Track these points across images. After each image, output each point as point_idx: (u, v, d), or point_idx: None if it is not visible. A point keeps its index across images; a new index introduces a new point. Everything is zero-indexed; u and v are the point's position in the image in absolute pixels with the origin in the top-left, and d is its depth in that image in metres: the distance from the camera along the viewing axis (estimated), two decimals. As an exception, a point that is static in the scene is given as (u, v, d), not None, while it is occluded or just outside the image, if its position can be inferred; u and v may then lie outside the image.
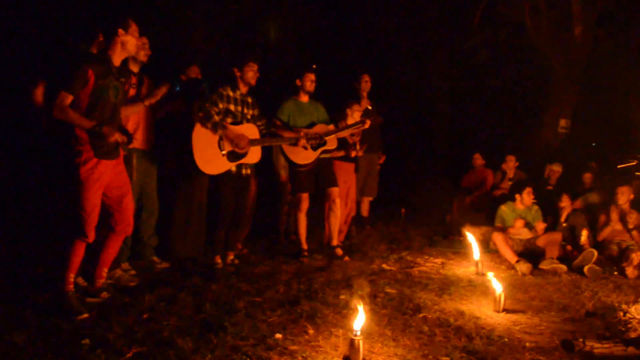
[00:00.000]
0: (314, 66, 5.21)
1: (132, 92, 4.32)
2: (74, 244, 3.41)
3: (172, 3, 10.33)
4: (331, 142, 5.22)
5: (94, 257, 3.66)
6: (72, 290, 3.42)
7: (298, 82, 5.22)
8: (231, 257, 4.84)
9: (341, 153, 5.63)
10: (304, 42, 12.65)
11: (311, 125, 5.21)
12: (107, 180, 3.49)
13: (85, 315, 3.32)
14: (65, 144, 3.40)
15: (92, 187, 3.39)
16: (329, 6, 12.76)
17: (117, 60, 3.48)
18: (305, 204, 5.30)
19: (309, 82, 5.19)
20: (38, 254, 4.64)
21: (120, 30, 3.42)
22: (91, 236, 3.42)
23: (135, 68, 4.41)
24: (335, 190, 5.37)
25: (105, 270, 3.73)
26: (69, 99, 3.28)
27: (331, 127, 5.30)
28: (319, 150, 5.16)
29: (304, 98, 5.25)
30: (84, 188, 3.37)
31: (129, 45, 3.47)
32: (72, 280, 3.43)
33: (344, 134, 5.43)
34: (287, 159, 5.21)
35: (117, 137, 3.41)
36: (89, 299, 3.61)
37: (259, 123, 4.80)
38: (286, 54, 12.18)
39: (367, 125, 5.38)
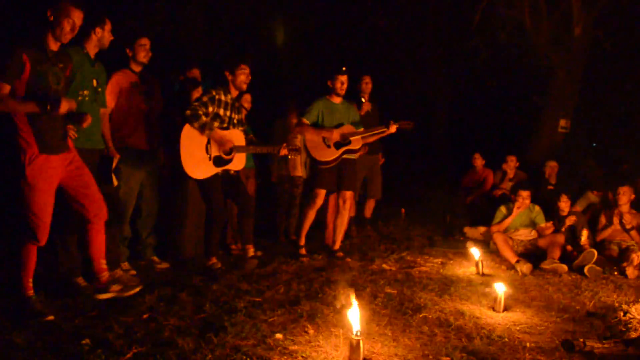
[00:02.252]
0: (343, 68, 5.18)
1: (132, 91, 4.36)
2: (26, 248, 3.23)
3: (172, 3, 10.33)
4: (355, 143, 5.23)
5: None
6: (32, 294, 3.29)
7: (329, 83, 5.22)
8: (251, 250, 4.78)
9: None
10: (305, 42, 12.65)
11: (339, 125, 5.23)
12: (59, 177, 3.28)
13: (51, 317, 3.21)
14: (9, 141, 3.14)
15: (41, 187, 3.17)
16: (329, 7, 12.77)
17: (52, 44, 3.22)
18: (319, 201, 5.29)
19: (339, 83, 5.17)
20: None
21: (49, 11, 3.15)
22: (43, 239, 3.24)
23: (136, 68, 4.43)
24: (349, 194, 5.37)
25: (103, 262, 3.56)
26: (6, 88, 3.04)
27: (361, 129, 5.31)
28: (342, 150, 5.18)
29: (336, 99, 5.26)
30: (31, 189, 3.14)
31: (58, 30, 3.17)
32: (30, 284, 3.28)
33: (369, 137, 5.39)
34: (309, 155, 5.28)
35: (65, 105, 3.09)
36: (100, 296, 3.53)
37: (241, 128, 4.78)
38: (286, 54, 12.19)
39: (392, 130, 5.30)
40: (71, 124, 3.41)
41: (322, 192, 5.27)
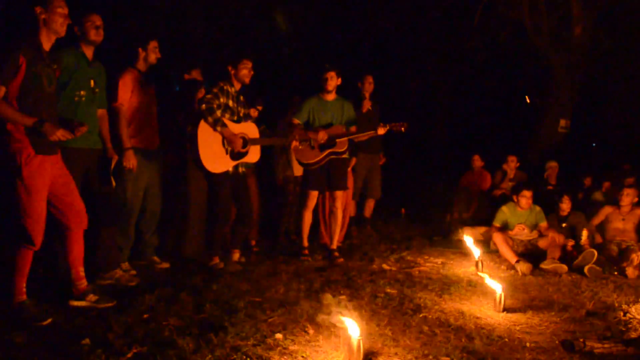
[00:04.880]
0: (326, 65, 5.22)
1: (140, 90, 4.37)
2: (20, 252, 3.13)
3: (172, 3, 10.33)
4: (341, 145, 5.20)
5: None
6: (26, 298, 3.20)
7: (321, 81, 5.24)
8: (237, 254, 4.84)
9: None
10: (306, 41, 12.66)
11: (328, 125, 5.20)
12: (50, 179, 3.19)
13: (49, 320, 3.15)
14: (2, 142, 3.02)
15: (37, 189, 3.08)
16: (330, 6, 12.77)
17: (46, 44, 3.14)
18: (312, 202, 5.29)
19: (324, 81, 5.18)
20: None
21: (38, 8, 3.06)
22: (38, 242, 3.14)
23: (143, 68, 4.44)
24: (341, 194, 5.35)
25: (81, 269, 3.48)
26: (2, 90, 2.94)
27: (352, 128, 5.28)
28: (326, 152, 5.16)
29: (328, 97, 5.24)
30: (28, 191, 3.04)
31: (53, 24, 3.09)
32: (24, 289, 3.19)
33: (359, 138, 5.38)
34: (296, 157, 5.29)
35: (60, 134, 3.04)
36: (74, 303, 3.46)
37: (249, 121, 4.83)
38: (287, 53, 12.20)
39: (381, 132, 5.23)
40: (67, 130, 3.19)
41: (313, 193, 5.27)
